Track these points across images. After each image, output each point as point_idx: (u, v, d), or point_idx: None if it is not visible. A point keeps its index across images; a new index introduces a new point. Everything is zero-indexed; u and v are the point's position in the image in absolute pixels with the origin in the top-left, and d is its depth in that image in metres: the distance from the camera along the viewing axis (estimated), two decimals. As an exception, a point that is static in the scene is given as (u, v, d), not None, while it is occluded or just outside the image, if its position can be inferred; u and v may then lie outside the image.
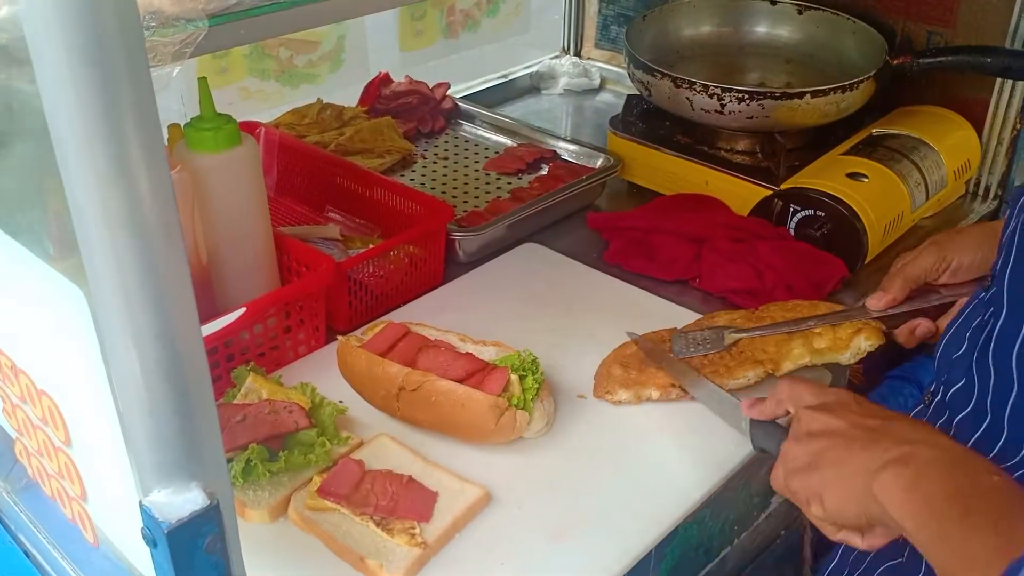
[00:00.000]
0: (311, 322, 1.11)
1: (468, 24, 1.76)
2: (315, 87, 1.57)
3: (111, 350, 0.53)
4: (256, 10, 0.98)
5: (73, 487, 0.71)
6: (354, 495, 0.81)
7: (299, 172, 1.42)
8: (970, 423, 0.75)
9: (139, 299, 0.51)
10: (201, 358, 0.55)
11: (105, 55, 0.45)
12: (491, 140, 1.59)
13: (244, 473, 0.83)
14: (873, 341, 1.03)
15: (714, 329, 1.05)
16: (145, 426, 0.55)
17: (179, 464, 0.56)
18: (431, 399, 0.91)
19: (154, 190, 0.49)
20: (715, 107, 1.31)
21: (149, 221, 0.49)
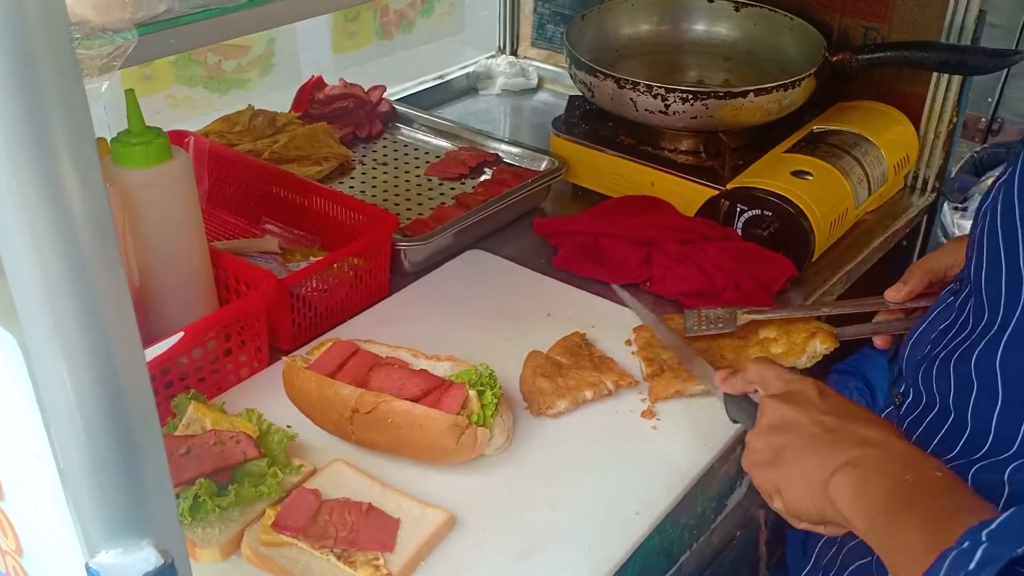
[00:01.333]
0: (253, 343, 1.06)
1: (402, 24, 1.72)
2: (245, 93, 1.51)
3: (48, 399, 0.49)
4: (186, 18, 0.93)
5: (7, 541, 0.65)
6: (311, 527, 0.77)
7: (232, 183, 1.36)
8: (938, 421, 0.76)
9: (77, 339, 0.47)
10: (149, 402, 0.50)
11: (32, 74, 0.41)
12: (431, 144, 1.55)
13: (192, 510, 0.78)
14: (828, 344, 1.04)
15: (728, 308, 1.07)
16: (89, 480, 0.50)
17: (128, 520, 0.52)
18: (387, 421, 0.88)
19: (90, 217, 0.44)
20: (659, 107, 1.29)
21: (86, 251, 0.45)
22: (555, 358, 1.05)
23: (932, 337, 0.77)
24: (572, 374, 1.03)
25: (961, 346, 0.72)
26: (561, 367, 1.04)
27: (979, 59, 1.28)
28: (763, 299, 1.18)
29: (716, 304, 1.17)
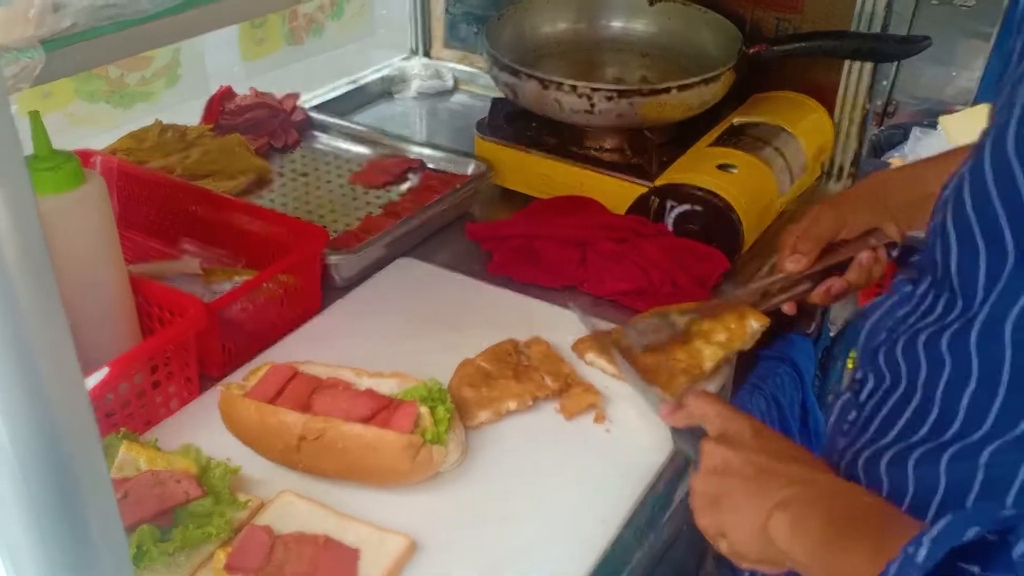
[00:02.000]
0: (182, 373, 1.00)
1: (312, 29, 1.67)
2: (151, 106, 1.44)
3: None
4: (93, 32, 0.88)
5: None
6: (267, 567, 0.74)
7: (144, 202, 1.29)
8: (901, 406, 0.76)
9: (13, 387, 0.42)
10: (96, 448, 0.46)
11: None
12: (351, 152, 1.51)
13: (136, 560, 0.73)
14: (763, 321, 1.07)
15: (660, 316, 1.07)
16: (30, 537, 0.46)
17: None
18: (337, 446, 0.84)
19: (23, 253, 0.40)
20: (584, 107, 1.28)
21: (20, 291, 0.41)
22: (484, 367, 1.03)
23: (890, 325, 0.78)
24: (499, 384, 1.01)
25: (928, 329, 0.72)
26: (489, 377, 1.02)
27: (891, 46, 1.31)
28: (700, 294, 1.18)
29: (654, 302, 1.17)
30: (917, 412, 0.73)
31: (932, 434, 0.72)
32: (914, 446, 0.73)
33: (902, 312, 0.77)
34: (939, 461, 0.70)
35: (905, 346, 0.75)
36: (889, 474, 0.77)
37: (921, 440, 0.72)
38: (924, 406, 0.72)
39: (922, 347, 0.72)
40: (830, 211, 1.04)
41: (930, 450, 0.71)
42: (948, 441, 0.70)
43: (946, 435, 0.70)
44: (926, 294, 0.74)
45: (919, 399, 0.73)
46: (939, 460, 0.70)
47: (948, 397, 0.70)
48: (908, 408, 0.74)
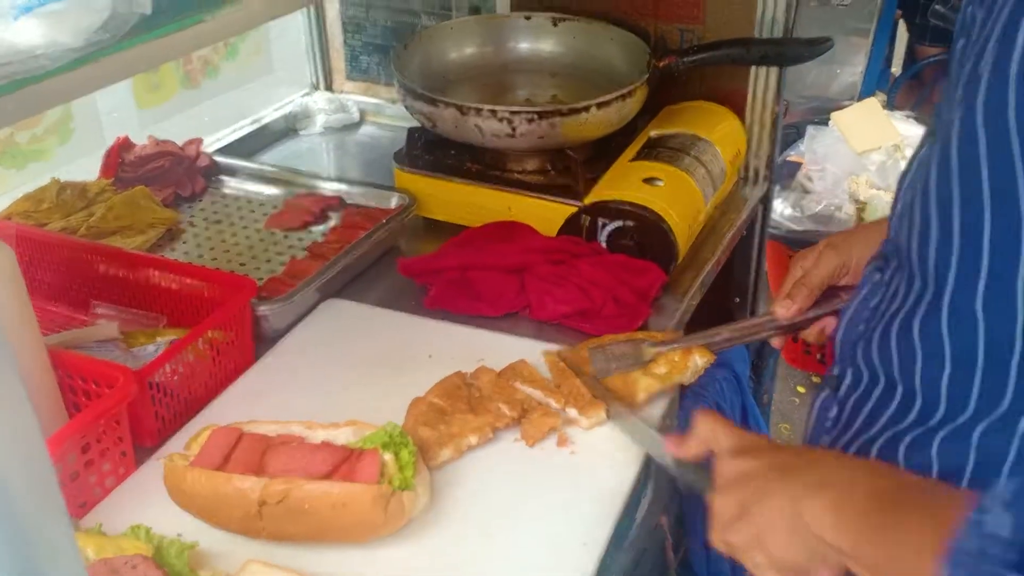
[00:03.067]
0: (116, 448, 0.93)
1: (208, 71, 1.60)
2: (45, 164, 1.35)
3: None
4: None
5: None
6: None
7: (48, 267, 1.21)
8: (885, 398, 0.77)
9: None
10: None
11: None
12: (264, 194, 1.45)
13: (99, 663, 0.66)
14: (707, 358, 1.04)
15: (632, 342, 1.04)
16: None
17: None
18: (303, 507, 0.79)
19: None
20: (506, 131, 1.27)
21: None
22: (436, 403, 1.00)
23: (865, 316, 0.79)
24: (455, 419, 0.98)
25: (897, 317, 0.73)
26: (445, 413, 0.99)
27: (796, 49, 1.35)
28: (642, 308, 1.18)
29: (598, 322, 1.16)
30: (902, 403, 0.74)
31: (919, 421, 0.72)
32: (902, 433, 0.74)
33: (874, 302, 0.78)
34: (930, 446, 0.71)
35: (880, 338, 0.75)
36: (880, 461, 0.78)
37: (909, 427, 0.73)
38: (908, 396, 0.73)
39: (895, 336, 0.73)
40: (833, 254, 0.97)
41: (920, 436, 0.72)
42: (936, 426, 0.71)
43: (932, 421, 0.71)
44: (892, 279, 0.75)
45: (902, 390, 0.74)
46: (930, 445, 0.71)
47: (928, 383, 0.71)
48: (893, 400, 0.75)
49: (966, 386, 0.67)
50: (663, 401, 1.04)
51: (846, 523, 0.62)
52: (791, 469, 0.69)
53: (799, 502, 0.65)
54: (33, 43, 0.82)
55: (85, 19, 0.87)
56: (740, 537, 0.70)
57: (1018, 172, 0.59)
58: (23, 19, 0.84)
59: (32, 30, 0.84)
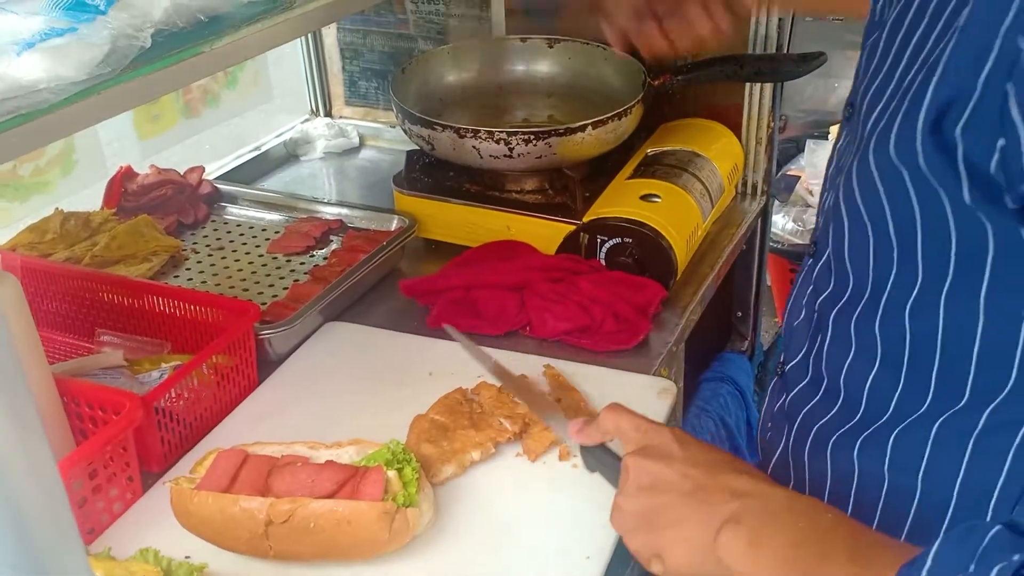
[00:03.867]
0: (123, 473, 0.94)
1: (208, 100, 1.62)
2: (48, 196, 1.37)
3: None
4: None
5: None
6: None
7: (53, 297, 1.22)
8: (810, 390, 0.78)
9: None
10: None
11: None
12: (265, 219, 1.46)
13: None
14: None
15: None
16: None
17: None
18: (309, 526, 0.80)
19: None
20: (503, 152, 1.28)
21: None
22: (438, 420, 1.01)
23: (803, 301, 0.80)
24: (458, 435, 0.99)
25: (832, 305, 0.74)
26: (447, 430, 1.00)
27: (789, 65, 1.36)
28: (642, 323, 1.18)
29: (599, 338, 1.17)
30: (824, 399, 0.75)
31: (840, 421, 0.73)
32: (827, 431, 0.75)
33: (809, 289, 0.79)
34: (852, 448, 0.72)
35: (813, 329, 0.77)
36: (810, 463, 0.79)
37: (831, 425, 0.74)
38: (831, 393, 0.74)
39: (830, 330, 0.74)
40: None
41: (842, 436, 0.73)
42: (855, 428, 0.72)
43: (852, 421, 0.72)
44: (825, 269, 0.76)
45: (826, 385, 0.75)
46: (852, 447, 0.72)
47: (852, 382, 0.72)
48: (816, 395, 0.76)
49: (889, 388, 0.69)
50: (663, 414, 1.04)
51: (761, 557, 0.62)
52: (705, 490, 0.67)
53: (713, 534, 0.64)
54: (36, 78, 0.84)
55: (87, 53, 0.89)
56: (643, 545, 0.69)
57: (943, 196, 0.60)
58: (26, 54, 0.86)
59: (35, 65, 0.85)
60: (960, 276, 0.63)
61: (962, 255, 0.62)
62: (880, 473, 0.72)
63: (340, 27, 1.76)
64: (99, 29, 0.88)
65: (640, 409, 1.03)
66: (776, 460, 0.85)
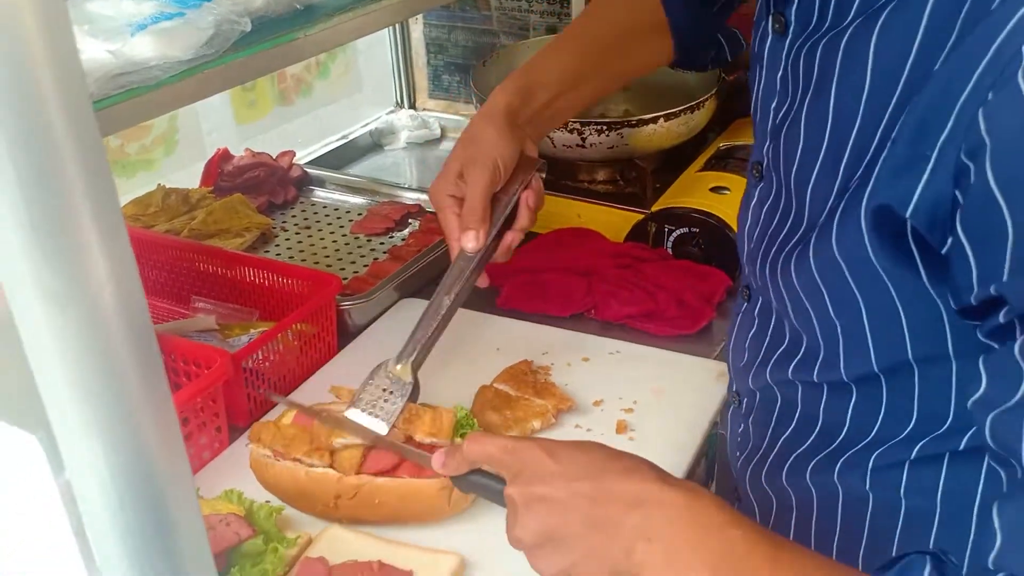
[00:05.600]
0: (212, 424, 1.02)
1: (301, 89, 1.71)
2: (152, 174, 1.47)
3: (84, 495, 0.46)
4: (108, 100, 0.91)
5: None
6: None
7: (154, 265, 1.32)
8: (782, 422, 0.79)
9: (114, 434, 0.44)
10: (188, 484, 0.48)
11: (53, 151, 0.39)
12: (349, 203, 1.54)
13: (194, 602, 0.74)
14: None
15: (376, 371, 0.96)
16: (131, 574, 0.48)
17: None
18: (374, 501, 0.86)
19: (122, 302, 0.43)
20: (576, 141, 1.33)
21: (118, 342, 0.43)
22: (502, 390, 1.06)
23: (746, 345, 0.81)
24: (520, 404, 1.03)
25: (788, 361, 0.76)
26: (510, 399, 1.04)
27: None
28: (705, 311, 1.22)
29: (662, 323, 1.20)
30: (800, 424, 0.76)
31: (819, 446, 0.74)
32: (806, 457, 0.76)
33: (750, 333, 0.80)
34: (832, 471, 0.73)
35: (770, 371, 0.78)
36: (791, 485, 0.80)
37: (810, 451, 0.75)
38: (807, 419, 0.75)
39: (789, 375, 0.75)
40: (476, 166, 0.92)
41: (822, 460, 0.74)
42: (835, 450, 0.73)
43: (834, 444, 0.73)
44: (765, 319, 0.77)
45: (800, 413, 0.76)
46: (832, 470, 0.73)
47: (831, 410, 0.73)
48: (791, 421, 0.77)
49: (871, 415, 0.70)
50: (720, 397, 1.08)
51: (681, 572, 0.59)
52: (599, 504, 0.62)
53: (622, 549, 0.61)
54: (147, 56, 0.92)
55: (193, 36, 0.97)
56: (549, 567, 0.64)
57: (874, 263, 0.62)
58: (139, 35, 0.94)
59: (146, 45, 0.94)
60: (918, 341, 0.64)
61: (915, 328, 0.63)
62: (863, 490, 0.73)
63: (426, 22, 1.83)
64: (205, 14, 0.96)
65: (697, 392, 1.08)
66: (752, 486, 0.86)
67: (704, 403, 1.06)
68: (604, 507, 0.62)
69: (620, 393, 1.07)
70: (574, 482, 0.64)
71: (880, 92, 0.60)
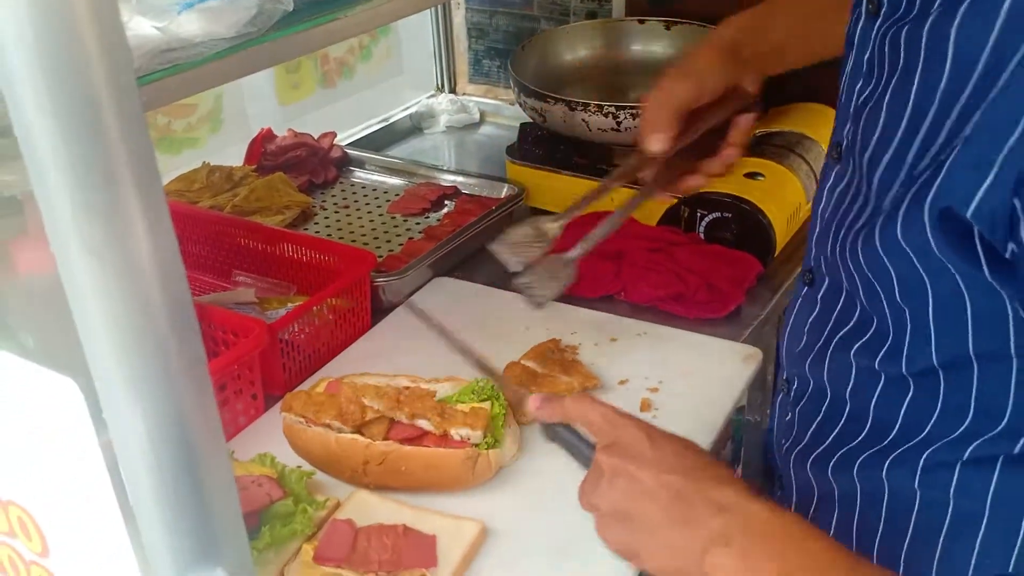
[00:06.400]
0: (248, 391, 1.06)
1: (343, 71, 1.74)
2: (197, 151, 1.51)
3: (119, 439, 0.49)
4: (156, 74, 0.95)
5: (52, 603, 0.64)
6: (353, 556, 0.78)
7: (197, 239, 1.36)
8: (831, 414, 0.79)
9: (152, 381, 0.47)
10: (218, 435, 0.51)
11: (95, 112, 0.41)
12: (387, 183, 1.57)
13: (226, 556, 0.77)
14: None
15: (529, 223, 0.99)
16: (162, 514, 0.50)
17: (200, 553, 0.52)
18: (400, 468, 0.89)
19: (160, 258, 0.45)
20: (611, 125, 1.34)
21: (155, 296, 0.46)
22: (529, 367, 1.08)
23: (804, 329, 0.80)
24: (546, 381, 1.05)
25: (846, 342, 0.75)
26: (536, 375, 1.06)
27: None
28: (735, 295, 1.22)
29: (691, 306, 1.21)
30: (850, 420, 0.75)
31: (868, 443, 0.74)
32: (855, 453, 0.75)
33: (810, 318, 0.79)
34: (881, 467, 0.72)
35: (826, 357, 0.77)
36: (836, 480, 0.79)
37: (859, 447, 0.74)
38: (858, 415, 0.74)
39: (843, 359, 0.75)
40: (683, 78, 0.95)
41: (871, 456, 0.73)
42: (886, 447, 0.72)
43: (884, 441, 0.72)
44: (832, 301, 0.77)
45: (850, 408, 0.75)
46: (881, 466, 0.73)
47: (884, 406, 0.72)
48: (841, 417, 0.76)
49: (925, 413, 0.69)
50: (746, 378, 1.08)
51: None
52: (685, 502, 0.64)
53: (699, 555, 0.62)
54: (193, 33, 0.96)
55: (236, 14, 1.00)
56: (619, 543, 0.67)
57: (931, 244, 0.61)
58: (185, 13, 0.98)
59: (192, 23, 0.97)
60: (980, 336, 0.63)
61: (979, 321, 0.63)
62: (911, 489, 0.72)
63: (468, 7, 1.85)
64: (249, -7, 0.99)
65: (723, 374, 1.09)
66: (796, 475, 0.86)
67: (730, 385, 1.07)
68: (688, 505, 0.63)
69: (646, 373, 1.08)
70: (666, 473, 0.65)
71: (954, 85, 0.59)
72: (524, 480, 0.94)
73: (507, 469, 0.95)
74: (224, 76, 1.03)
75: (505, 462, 0.94)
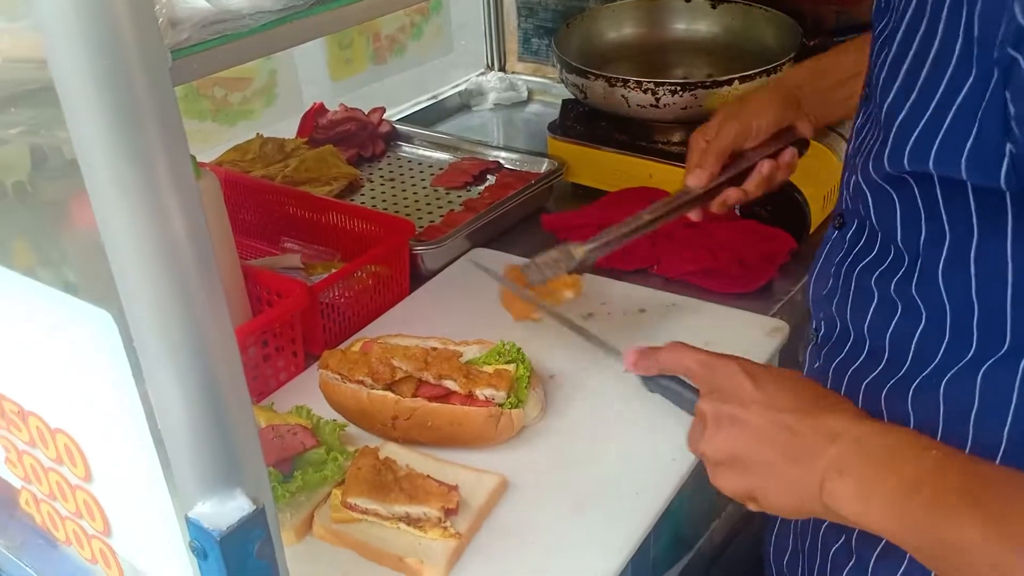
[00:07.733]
0: (289, 348, 1.11)
1: (395, 49, 1.79)
2: (252, 123, 1.58)
3: (149, 371, 0.54)
4: (205, 44, 1.00)
5: (94, 523, 0.70)
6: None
7: (249, 207, 1.42)
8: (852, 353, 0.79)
9: (176, 314, 0.52)
10: (237, 366, 0.55)
11: (128, 80, 0.46)
12: (433, 158, 1.61)
13: (259, 496, 0.83)
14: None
15: (559, 248, 1.05)
16: (188, 443, 0.55)
17: (222, 475, 0.57)
18: (427, 424, 0.94)
19: (183, 205, 0.50)
20: (650, 101, 1.36)
21: (180, 236, 0.50)
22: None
23: (831, 271, 0.81)
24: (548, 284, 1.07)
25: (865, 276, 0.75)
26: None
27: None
28: (767, 270, 1.24)
29: (723, 280, 1.23)
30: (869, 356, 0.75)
31: (888, 373, 0.73)
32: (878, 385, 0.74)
33: (837, 257, 0.79)
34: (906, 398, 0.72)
35: (850, 295, 0.77)
36: None
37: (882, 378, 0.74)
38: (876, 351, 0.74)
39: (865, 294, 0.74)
40: (733, 120, 1.02)
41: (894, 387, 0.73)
42: (904, 377, 0.72)
43: (900, 372, 0.72)
44: (857, 237, 0.77)
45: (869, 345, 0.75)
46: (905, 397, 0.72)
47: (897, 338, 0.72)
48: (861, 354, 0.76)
49: (935, 342, 0.69)
50: (770, 351, 1.10)
51: (875, 514, 0.61)
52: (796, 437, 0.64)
53: (817, 488, 0.63)
54: (240, 5, 1.00)
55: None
56: (734, 487, 0.67)
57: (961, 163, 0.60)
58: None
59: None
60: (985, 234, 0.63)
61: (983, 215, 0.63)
62: (935, 420, 0.72)
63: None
64: (295, -34, 1.03)
65: (748, 345, 1.11)
66: None
67: (754, 355, 1.08)
68: (799, 439, 0.64)
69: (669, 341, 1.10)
70: (776, 412, 0.65)
71: None
72: (547, 439, 0.98)
73: (530, 429, 0.98)
74: (270, 47, 1.08)
75: (528, 422, 0.98)
